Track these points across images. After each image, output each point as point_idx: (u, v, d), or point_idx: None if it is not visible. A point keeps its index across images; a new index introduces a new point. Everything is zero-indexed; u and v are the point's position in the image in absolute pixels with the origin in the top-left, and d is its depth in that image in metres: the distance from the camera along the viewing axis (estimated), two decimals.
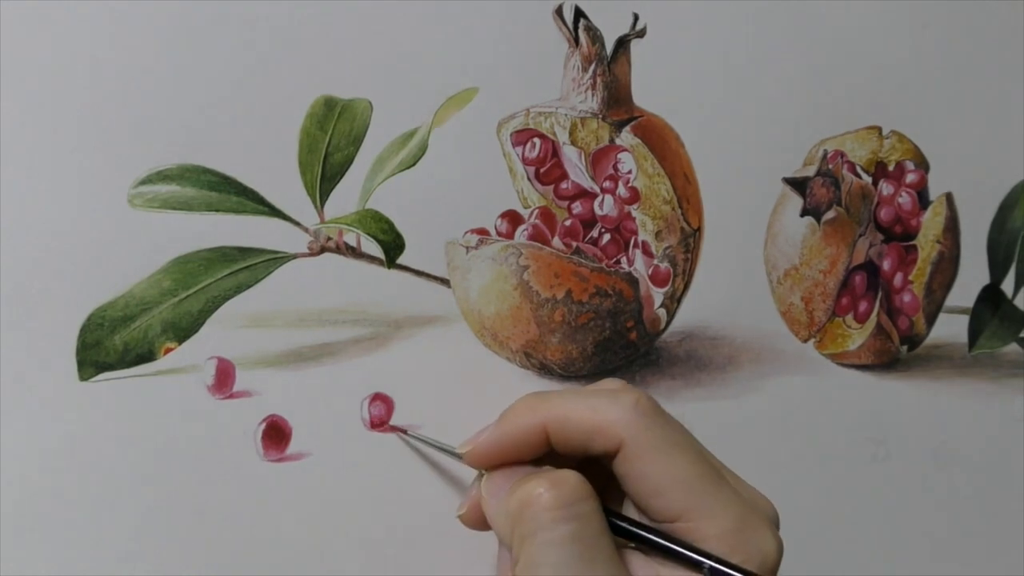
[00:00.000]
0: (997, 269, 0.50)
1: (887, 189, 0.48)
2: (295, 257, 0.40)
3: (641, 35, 0.44)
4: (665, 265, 0.44)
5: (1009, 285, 0.50)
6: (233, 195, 0.39)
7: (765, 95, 0.46)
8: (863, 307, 0.48)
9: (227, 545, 0.39)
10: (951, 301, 0.49)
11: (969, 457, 0.49)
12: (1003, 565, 0.49)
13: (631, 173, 0.44)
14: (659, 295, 0.44)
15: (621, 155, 0.44)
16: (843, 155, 0.47)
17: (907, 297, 0.48)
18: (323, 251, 0.41)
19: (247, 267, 0.40)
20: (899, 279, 0.48)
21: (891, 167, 0.48)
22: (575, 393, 0.35)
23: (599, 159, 0.44)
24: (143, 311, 0.39)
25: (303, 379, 0.40)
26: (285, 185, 0.40)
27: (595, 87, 0.43)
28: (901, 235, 0.48)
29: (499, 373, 0.43)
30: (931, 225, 0.49)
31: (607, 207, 0.44)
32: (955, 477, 0.48)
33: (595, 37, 0.43)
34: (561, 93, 0.43)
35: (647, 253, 0.44)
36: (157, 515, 0.38)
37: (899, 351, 0.48)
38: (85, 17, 0.38)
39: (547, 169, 0.44)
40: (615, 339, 0.44)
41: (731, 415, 0.45)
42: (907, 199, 0.48)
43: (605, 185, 0.44)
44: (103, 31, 0.38)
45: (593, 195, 0.44)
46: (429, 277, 0.42)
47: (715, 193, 0.45)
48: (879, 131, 0.48)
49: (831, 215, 0.47)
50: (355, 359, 0.41)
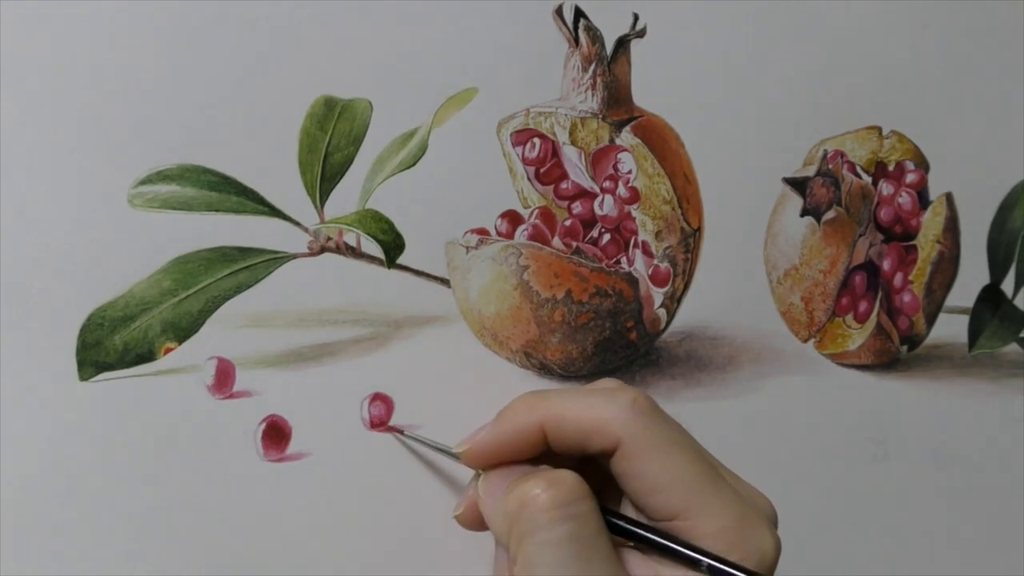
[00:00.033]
0: (997, 269, 0.50)
1: (887, 189, 0.48)
2: (295, 257, 0.40)
3: (641, 35, 0.44)
4: (665, 265, 0.44)
5: (1009, 285, 0.50)
6: (233, 195, 0.39)
7: (765, 95, 0.46)
8: (863, 307, 0.48)
9: (227, 545, 0.39)
10: (951, 301, 0.49)
11: (969, 457, 0.49)
12: (1003, 565, 0.49)
13: (631, 173, 0.44)
14: (659, 295, 0.44)
15: (621, 155, 0.44)
16: (843, 155, 0.47)
17: (907, 297, 0.48)
18: (323, 251, 0.41)
19: (247, 267, 0.40)
20: (899, 279, 0.48)
21: (891, 167, 0.48)
22: (572, 392, 0.35)
23: (599, 159, 0.44)
24: (143, 311, 0.39)
25: (303, 379, 0.40)
26: (285, 185, 0.40)
27: (595, 87, 0.43)
28: (901, 235, 0.48)
29: (499, 373, 0.43)
30: (931, 225, 0.49)
31: (607, 207, 0.44)
32: (955, 477, 0.48)
33: (595, 37, 0.43)
34: (561, 93, 0.43)
35: (647, 253, 0.44)
36: (157, 515, 0.38)
37: (899, 351, 0.48)
38: (85, 17, 0.38)
39: (547, 169, 0.44)
40: (615, 339, 0.44)
41: (731, 415, 0.45)
42: (907, 199, 0.48)
43: (605, 185, 0.44)
44: (103, 31, 0.38)
45: (593, 195, 0.44)
46: (429, 277, 0.42)
47: (715, 193, 0.45)
48: (879, 131, 0.48)
49: (831, 215, 0.47)
50: (355, 359, 0.41)
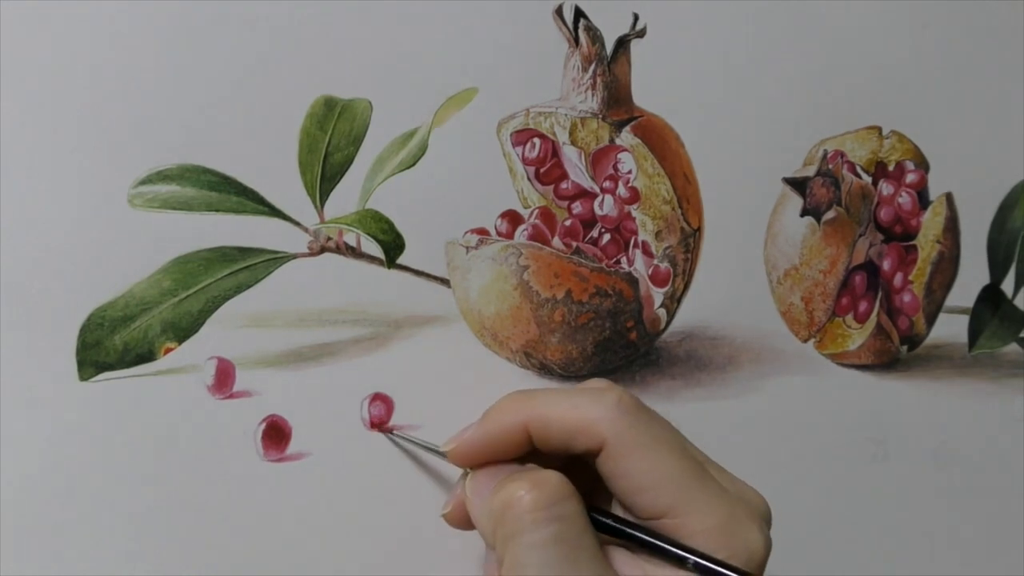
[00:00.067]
0: (997, 269, 0.50)
1: (887, 189, 0.48)
2: (295, 257, 0.40)
3: (641, 35, 0.44)
4: (665, 265, 0.44)
5: (1009, 285, 0.50)
6: (233, 195, 0.39)
7: (765, 95, 0.46)
8: (863, 307, 0.48)
9: (227, 545, 0.39)
10: (951, 301, 0.49)
11: (969, 457, 0.49)
12: (1003, 565, 0.49)
13: (631, 173, 0.44)
14: (659, 295, 0.44)
15: (621, 155, 0.44)
16: (843, 155, 0.47)
17: (907, 297, 0.48)
18: (323, 251, 0.41)
19: (247, 267, 0.40)
20: (899, 279, 0.48)
21: (891, 167, 0.48)
22: (558, 392, 0.34)
23: (599, 159, 0.44)
24: (143, 311, 0.39)
25: (303, 379, 0.40)
26: (285, 185, 0.40)
27: (595, 87, 0.43)
28: (901, 235, 0.48)
29: (499, 373, 0.43)
30: (931, 225, 0.49)
31: (607, 207, 0.44)
32: (955, 477, 0.48)
33: (595, 37, 0.43)
34: (561, 93, 0.43)
35: (647, 253, 0.44)
36: (157, 515, 0.38)
37: (899, 351, 0.48)
38: (85, 17, 0.38)
39: (547, 169, 0.44)
40: (615, 339, 0.44)
41: (731, 415, 0.45)
42: (907, 199, 0.48)
43: (605, 185, 0.44)
44: (103, 31, 0.38)
45: (593, 195, 0.44)
46: (429, 277, 0.42)
47: (715, 193, 0.45)
48: (879, 131, 0.48)
49: (831, 215, 0.47)
50: (355, 359, 0.41)
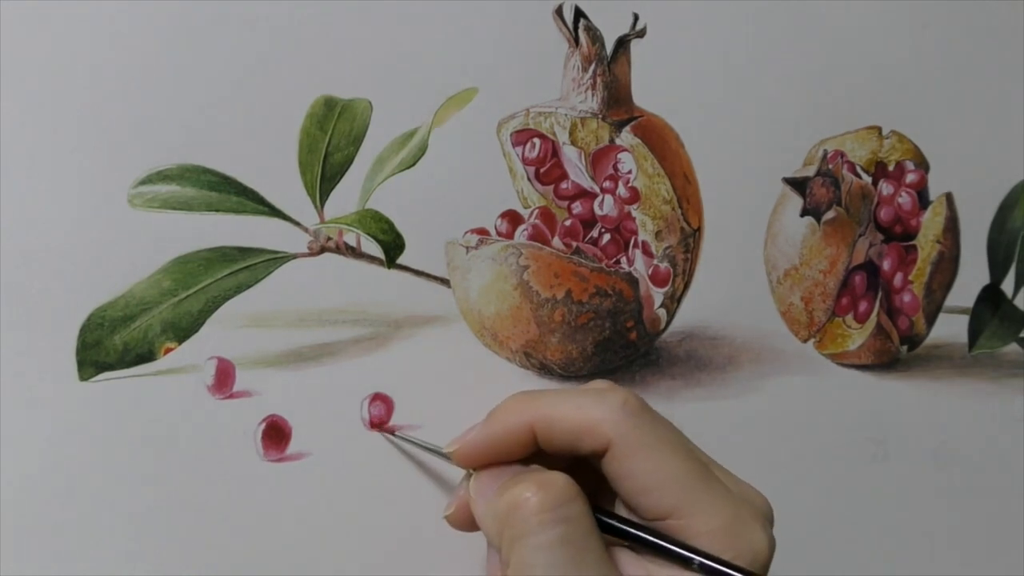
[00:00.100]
0: (997, 269, 0.50)
1: (887, 189, 0.48)
2: (295, 257, 0.40)
3: (641, 35, 0.44)
4: (665, 265, 0.44)
5: (1009, 285, 0.50)
6: (233, 195, 0.39)
7: (765, 95, 0.46)
8: (863, 307, 0.48)
9: (227, 545, 0.39)
10: (951, 301, 0.49)
11: (969, 457, 0.49)
12: (1003, 565, 0.49)
13: (631, 173, 0.44)
14: (659, 295, 0.44)
15: (621, 155, 0.44)
16: (843, 155, 0.47)
17: (907, 297, 0.48)
18: (323, 251, 0.41)
19: (247, 267, 0.40)
20: (899, 279, 0.48)
21: (891, 167, 0.48)
22: (563, 393, 0.34)
23: (599, 159, 0.44)
24: (143, 311, 0.39)
25: (303, 379, 0.40)
26: (285, 185, 0.40)
27: (595, 87, 0.43)
28: (901, 235, 0.48)
29: (499, 373, 0.43)
30: (931, 225, 0.49)
31: (607, 207, 0.44)
32: (955, 477, 0.48)
33: (595, 37, 0.43)
34: (561, 93, 0.43)
35: (647, 253, 0.44)
36: (157, 515, 0.38)
37: (899, 351, 0.48)
38: (85, 17, 0.38)
39: (547, 169, 0.44)
40: (615, 339, 0.44)
41: (731, 415, 0.45)
42: (907, 199, 0.48)
43: (605, 185, 0.44)
44: (103, 31, 0.38)
45: (593, 195, 0.44)
46: (429, 277, 0.42)
47: (715, 193, 0.45)
48: (879, 131, 0.48)
49: (831, 215, 0.47)
50: (355, 359, 0.41)
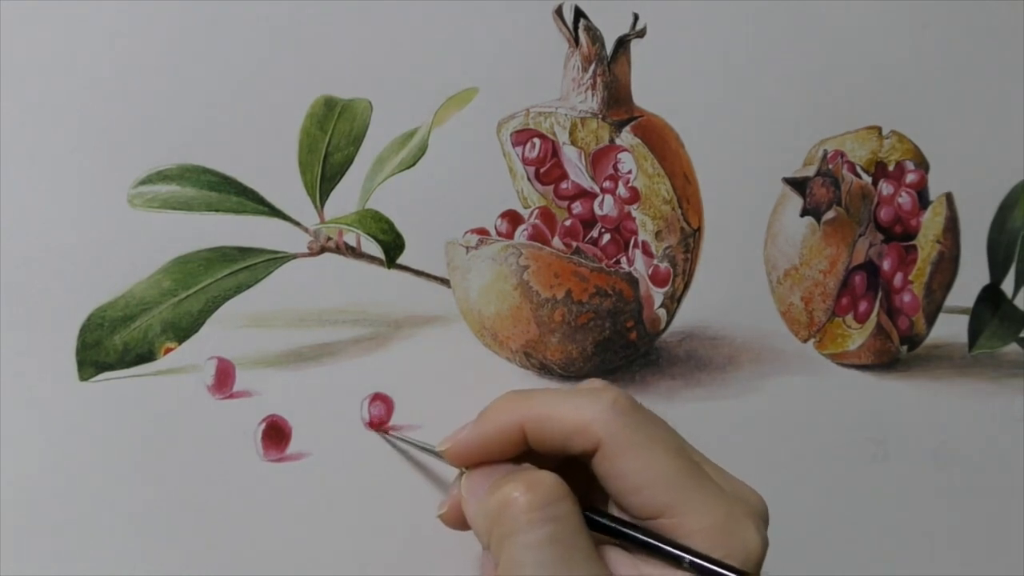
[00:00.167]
0: (997, 269, 0.50)
1: (887, 189, 0.48)
2: (295, 257, 0.40)
3: (641, 35, 0.44)
4: (665, 265, 0.44)
5: (1009, 285, 0.50)
6: (233, 195, 0.39)
7: (765, 95, 0.46)
8: (863, 307, 0.48)
9: (227, 545, 0.39)
10: (951, 301, 0.49)
11: (969, 457, 0.49)
12: (1003, 565, 0.49)
13: (631, 173, 0.44)
14: (659, 295, 0.44)
15: (621, 155, 0.44)
16: (843, 155, 0.47)
17: (907, 297, 0.48)
18: (323, 251, 0.41)
19: (247, 267, 0.40)
20: (899, 279, 0.48)
21: (891, 167, 0.48)
22: (554, 393, 0.34)
23: (599, 159, 0.44)
24: (143, 311, 0.39)
25: (303, 379, 0.40)
26: (285, 185, 0.40)
27: (595, 87, 0.43)
28: (901, 235, 0.48)
29: (499, 373, 0.43)
30: (931, 225, 0.49)
31: (607, 207, 0.44)
32: (955, 477, 0.48)
33: (595, 37, 0.43)
34: (561, 93, 0.43)
35: (647, 253, 0.44)
36: (157, 515, 0.38)
37: (899, 351, 0.48)
38: (85, 17, 0.38)
39: (547, 169, 0.44)
40: (615, 339, 0.44)
41: (731, 415, 0.45)
42: (907, 199, 0.48)
43: (605, 185, 0.44)
44: (103, 31, 0.38)
45: (593, 195, 0.44)
46: (429, 277, 0.42)
47: (715, 193, 0.45)
48: (879, 131, 0.48)
49: (831, 215, 0.47)
50: (355, 359, 0.41)
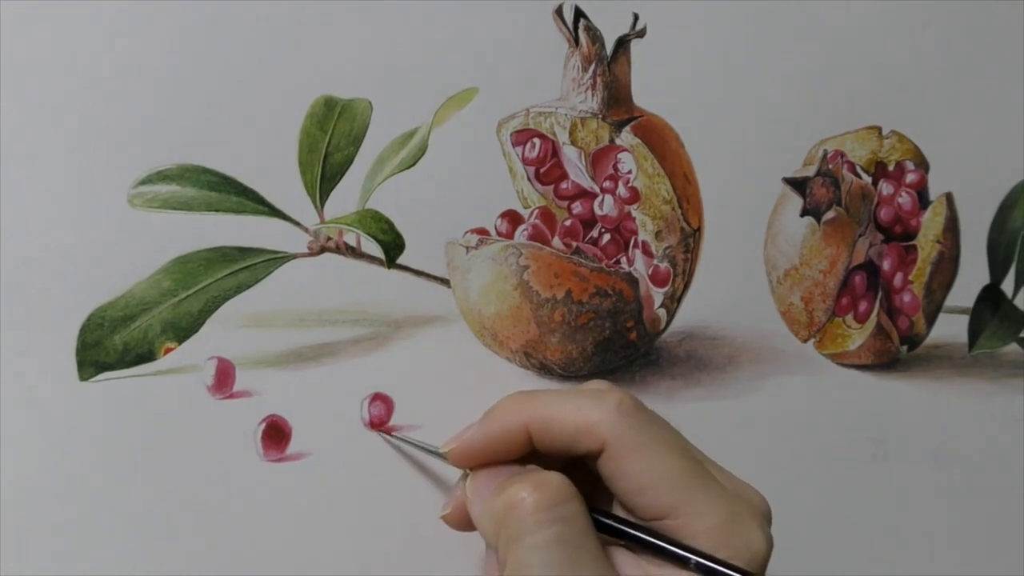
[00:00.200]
0: (997, 269, 0.50)
1: (887, 189, 0.48)
2: (295, 257, 0.40)
3: (641, 35, 0.44)
4: (665, 265, 0.44)
5: (1009, 285, 0.50)
6: (233, 195, 0.39)
7: (765, 95, 0.46)
8: (863, 307, 0.48)
9: (227, 545, 0.39)
10: (951, 301, 0.49)
11: (969, 457, 0.49)
12: (1003, 565, 0.49)
13: (631, 173, 0.44)
14: (659, 295, 0.44)
15: (621, 155, 0.44)
16: (843, 155, 0.47)
17: (907, 297, 0.48)
18: (323, 251, 0.41)
19: (247, 267, 0.40)
20: (899, 279, 0.48)
21: (891, 167, 0.48)
22: (559, 394, 0.34)
23: (599, 159, 0.44)
24: (143, 311, 0.39)
25: (303, 379, 0.40)
26: (285, 185, 0.40)
27: (595, 87, 0.43)
28: (901, 235, 0.48)
29: (499, 373, 0.43)
30: (931, 225, 0.49)
31: (607, 207, 0.44)
32: (955, 477, 0.48)
33: (595, 37, 0.43)
34: (561, 93, 0.43)
35: (647, 253, 0.44)
36: (157, 515, 0.38)
37: (899, 351, 0.48)
38: (85, 17, 0.38)
39: (547, 169, 0.44)
40: (615, 339, 0.44)
41: (731, 415, 0.45)
42: (907, 199, 0.48)
43: (605, 185, 0.44)
44: (103, 31, 0.38)
45: (593, 195, 0.44)
46: (429, 277, 0.42)
47: (715, 193, 0.45)
48: (879, 131, 0.48)
49: (831, 215, 0.47)
50: (355, 359, 0.41)
